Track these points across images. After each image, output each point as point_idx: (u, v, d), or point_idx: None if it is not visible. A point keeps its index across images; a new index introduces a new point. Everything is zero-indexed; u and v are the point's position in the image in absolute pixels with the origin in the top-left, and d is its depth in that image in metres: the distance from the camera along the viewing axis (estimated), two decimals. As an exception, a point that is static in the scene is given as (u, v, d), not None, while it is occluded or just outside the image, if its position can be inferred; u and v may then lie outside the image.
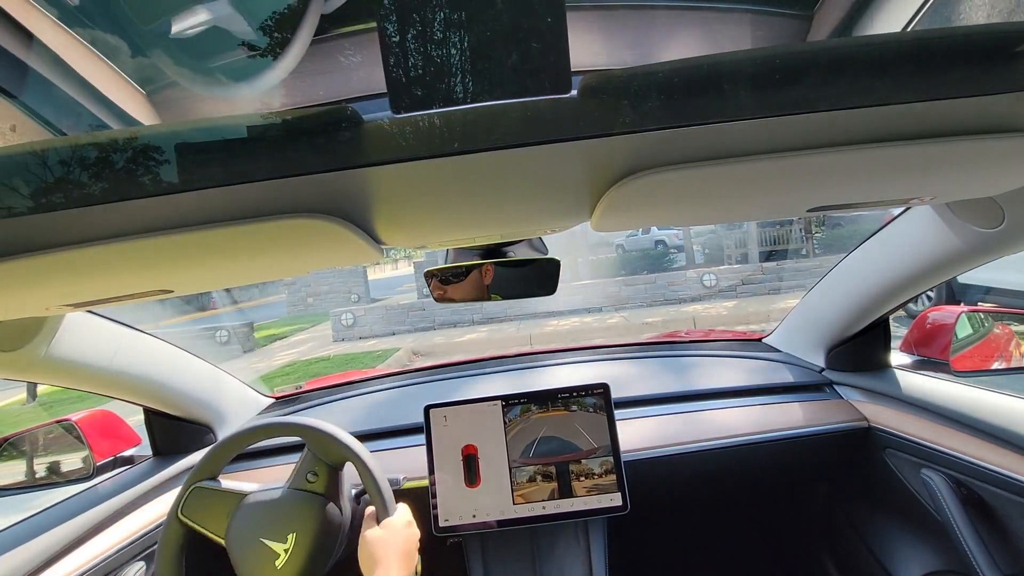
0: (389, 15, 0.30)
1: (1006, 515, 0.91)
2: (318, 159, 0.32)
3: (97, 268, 0.46)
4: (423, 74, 0.31)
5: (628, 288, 9.32)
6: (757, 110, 0.32)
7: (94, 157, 0.31)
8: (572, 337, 7.58)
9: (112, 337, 0.95)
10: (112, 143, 0.32)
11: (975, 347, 1.08)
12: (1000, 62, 0.31)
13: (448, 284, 1.01)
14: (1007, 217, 0.70)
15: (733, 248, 10.64)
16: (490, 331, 8.43)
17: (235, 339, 9.28)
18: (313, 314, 12.34)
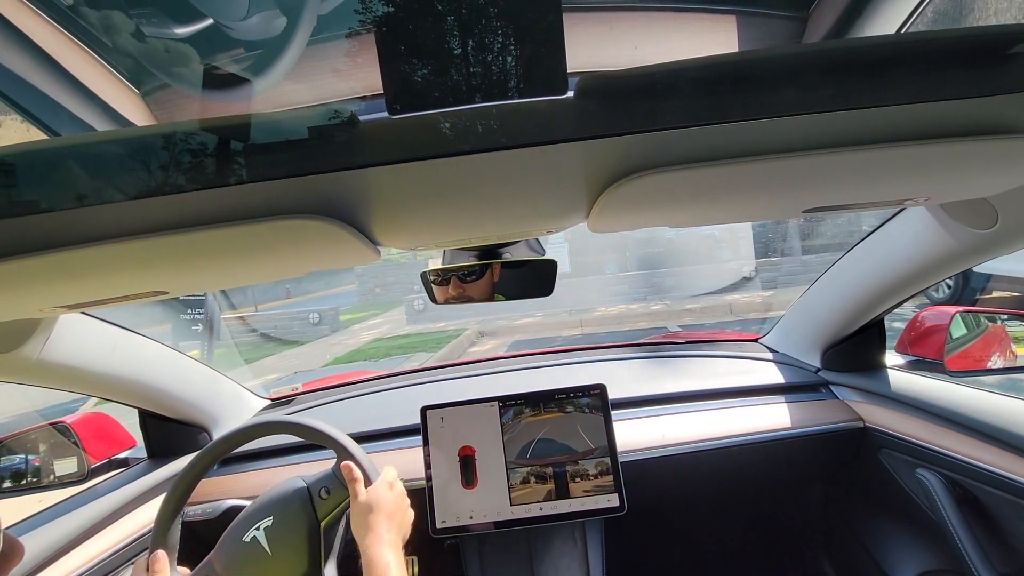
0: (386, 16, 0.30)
1: (1001, 514, 0.91)
2: (314, 160, 0.32)
3: (91, 269, 0.46)
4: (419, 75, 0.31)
5: (671, 278, 9.83)
6: (753, 111, 0.32)
7: (88, 158, 0.31)
8: (618, 321, 8.27)
9: (107, 339, 0.94)
10: (106, 144, 0.32)
11: (969, 347, 1.08)
12: (993, 64, 0.31)
13: (445, 285, 1.01)
14: (1000, 218, 0.70)
15: (778, 241, 10.80)
16: (545, 315, 9.07)
17: (325, 321, 10.70)
18: (381, 302, 13.31)
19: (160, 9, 0.45)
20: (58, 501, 0.98)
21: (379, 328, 10.23)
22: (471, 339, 8.37)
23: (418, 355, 7.36)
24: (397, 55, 0.31)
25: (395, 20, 0.31)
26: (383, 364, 7.23)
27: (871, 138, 0.37)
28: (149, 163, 0.31)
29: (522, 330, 8.60)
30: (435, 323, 9.55)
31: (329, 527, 0.85)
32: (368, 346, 8.60)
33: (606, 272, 11.57)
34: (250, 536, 0.84)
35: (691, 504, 1.49)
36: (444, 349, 7.53)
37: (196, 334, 6.19)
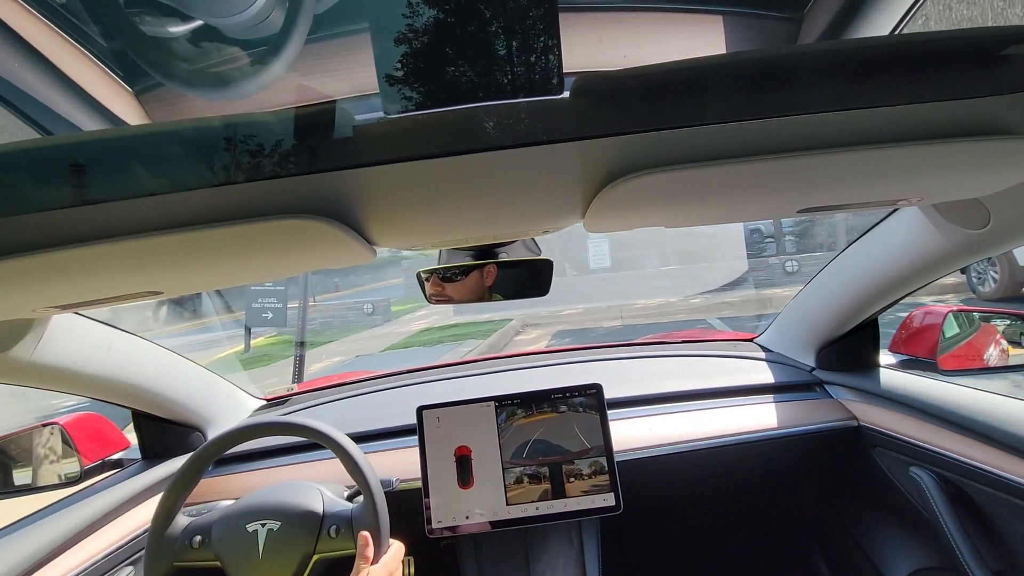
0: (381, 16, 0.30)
1: (993, 512, 0.92)
2: (309, 159, 0.32)
3: (85, 269, 0.45)
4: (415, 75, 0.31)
5: (711, 273, 9.94)
6: (748, 112, 0.32)
7: (81, 157, 0.31)
8: (658, 313, 8.66)
9: (101, 340, 0.93)
10: (100, 143, 0.31)
11: (962, 346, 1.09)
12: (986, 65, 0.31)
13: (440, 285, 1.01)
14: (992, 218, 0.71)
15: (824, 237, 10.90)
16: (586, 308, 9.50)
17: (378, 311, 11.62)
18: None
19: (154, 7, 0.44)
20: (52, 502, 0.97)
21: (428, 319, 10.86)
22: (516, 329, 8.89)
23: (468, 342, 7.88)
24: (392, 54, 0.31)
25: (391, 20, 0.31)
26: (436, 350, 7.68)
27: (865, 139, 0.38)
28: (142, 163, 0.31)
29: (564, 321, 9.08)
30: (481, 314, 10.07)
31: (320, 562, 0.85)
32: (420, 334, 9.26)
33: (646, 267, 11.86)
34: (253, 528, 0.84)
35: (687, 503, 1.49)
36: (491, 338, 7.98)
37: (266, 320, 7.01)
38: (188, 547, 0.85)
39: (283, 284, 7.21)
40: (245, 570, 0.83)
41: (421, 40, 0.31)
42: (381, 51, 0.31)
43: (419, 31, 0.31)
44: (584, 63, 0.56)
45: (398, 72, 0.31)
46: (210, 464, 0.91)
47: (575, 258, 12.79)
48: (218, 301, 16.31)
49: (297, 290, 4.90)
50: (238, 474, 1.19)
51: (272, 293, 6.94)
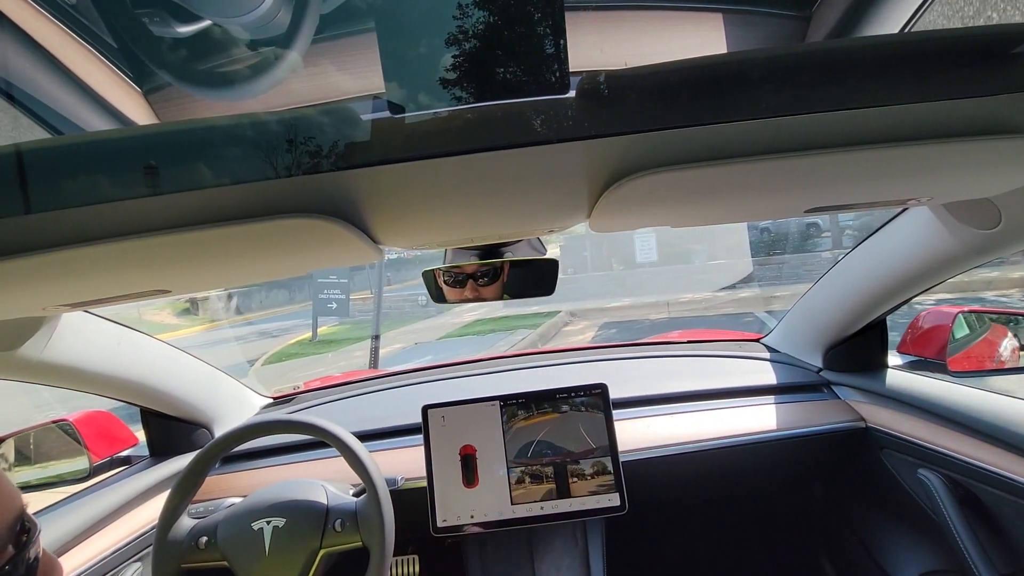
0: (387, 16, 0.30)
1: (1002, 515, 0.91)
2: (316, 159, 0.32)
3: (94, 268, 0.46)
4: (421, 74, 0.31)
5: (761, 267, 10.29)
6: (755, 111, 0.32)
7: (90, 156, 0.31)
8: (705, 306, 8.93)
9: (109, 337, 0.94)
10: (108, 142, 0.32)
11: (972, 348, 1.08)
12: (997, 63, 0.31)
13: (445, 284, 1.01)
14: (1004, 218, 0.70)
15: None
16: (633, 300, 9.84)
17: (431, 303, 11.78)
18: None
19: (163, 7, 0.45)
20: (61, 499, 0.98)
21: (479, 311, 11.44)
22: (564, 320, 9.36)
23: (519, 331, 8.47)
24: (399, 54, 0.31)
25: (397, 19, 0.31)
26: (489, 339, 8.37)
27: (874, 138, 0.37)
28: (151, 162, 0.31)
29: (610, 313, 9.49)
30: (529, 307, 10.47)
31: (327, 556, 0.86)
32: (473, 325, 9.93)
33: (694, 261, 12.09)
34: (258, 527, 0.85)
35: (692, 504, 1.49)
36: (541, 328, 8.53)
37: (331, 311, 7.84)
38: (195, 548, 0.85)
39: (346, 277, 8.18)
40: (253, 569, 0.83)
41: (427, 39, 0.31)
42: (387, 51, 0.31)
43: (425, 30, 0.31)
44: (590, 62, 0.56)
45: (404, 71, 0.31)
46: (216, 462, 0.92)
47: (621, 252, 13.09)
48: (283, 293, 16.96)
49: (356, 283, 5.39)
50: (244, 472, 1.20)
51: (336, 285, 7.73)
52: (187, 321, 16.51)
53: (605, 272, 13.11)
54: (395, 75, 0.31)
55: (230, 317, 16.29)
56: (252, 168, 0.32)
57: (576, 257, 13.82)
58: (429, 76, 0.31)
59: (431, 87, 0.31)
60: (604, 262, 13.55)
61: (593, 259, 13.62)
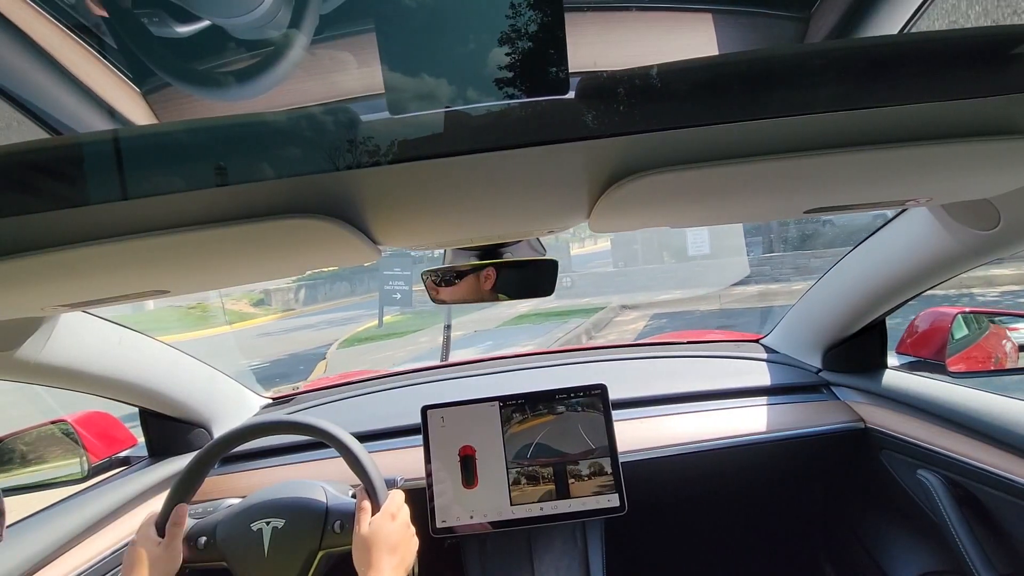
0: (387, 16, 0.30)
1: (1002, 516, 0.91)
2: (316, 160, 0.32)
3: (93, 268, 0.46)
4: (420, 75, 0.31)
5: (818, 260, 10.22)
6: (755, 112, 0.32)
7: (89, 157, 0.31)
8: (757, 298, 9.18)
9: (108, 338, 0.94)
10: (107, 143, 0.32)
11: (971, 348, 1.08)
12: (996, 64, 0.31)
13: (445, 285, 1.01)
14: (1003, 219, 0.70)
15: None
16: (683, 293, 10.10)
17: None
18: None
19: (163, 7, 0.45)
20: (59, 499, 0.98)
21: (530, 302, 11.70)
22: (616, 311, 9.79)
23: (572, 320, 8.94)
24: (399, 55, 0.31)
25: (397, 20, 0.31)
26: (544, 327, 8.88)
27: (873, 138, 0.37)
28: (151, 162, 0.31)
29: (661, 305, 9.87)
30: (580, 298, 11.22)
31: (327, 557, 0.85)
32: (527, 314, 10.57)
33: (750, 253, 12.22)
34: (258, 528, 0.85)
35: (692, 505, 1.49)
36: (593, 317, 8.96)
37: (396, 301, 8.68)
38: (194, 548, 0.85)
39: (409, 269, 8.88)
40: (251, 569, 0.83)
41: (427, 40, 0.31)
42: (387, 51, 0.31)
43: (424, 31, 0.31)
44: (589, 63, 0.56)
45: (404, 72, 0.31)
46: (215, 463, 0.92)
47: (673, 245, 13.26)
48: (345, 285, 17.66)
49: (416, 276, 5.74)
50: (243, 472, 1.20)
51: (400, 277, 8.50)
52: (262, 311, 18.23)
53: (656, 265, 13.32)
54: (395, 75, 0.31)
55: (299, 307, 17.73)
56: (252, 168, 0.32)
57: (627, 250, 14.04)
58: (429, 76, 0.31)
59: (431, 87, 0.31)
60: (655, 255, 13.73)
61: (644, 252, 13.81)
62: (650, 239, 13.45)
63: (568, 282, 12.35)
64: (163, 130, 0.32)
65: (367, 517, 0.80)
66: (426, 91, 0.31)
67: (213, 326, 15.55)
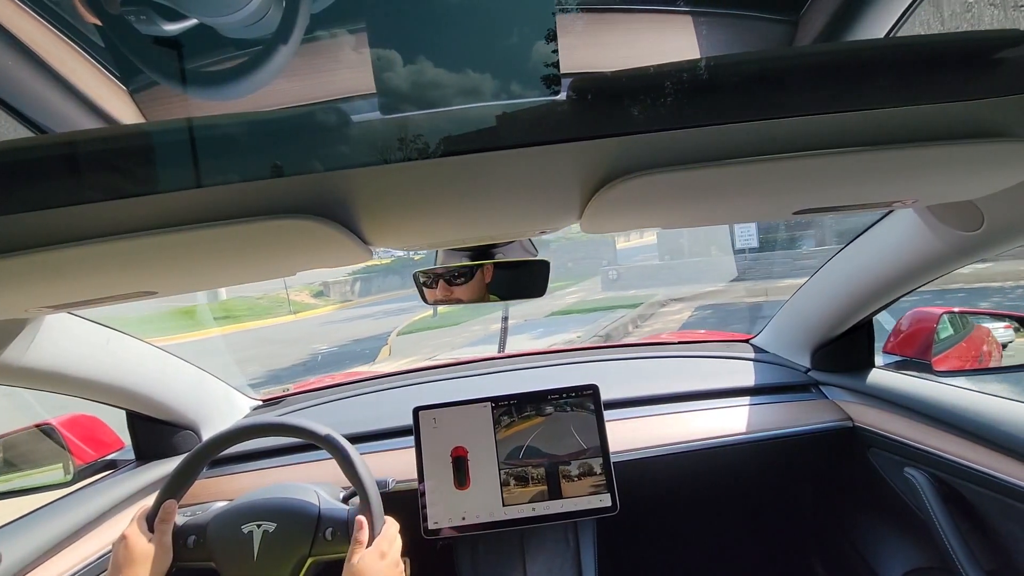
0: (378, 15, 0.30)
1: (986, 512, 0.92)
2: (305, 159, 0.32)
3: (79, 269, 0.45)
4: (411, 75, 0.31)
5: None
6: (744, 114, 0.32)
7: (75, 156, 0.31)
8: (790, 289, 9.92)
9: (93, 340, 0.93)
10: (93, 142, 0.31)
11: (955, 348, 1.10)
12: (980, 68, 0.32)
13: (436, 286, 1.00)
14: (986, 220, 0.71)
15: None
16: (727, 285, 10.42)
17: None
18: (573, 275, 15.83)
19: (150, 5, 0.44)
20: (44, 504, 0.96)
21: (577, 295, 12.62)
22: (661, 302, 10.11)
23: (619, 311, 9.35)
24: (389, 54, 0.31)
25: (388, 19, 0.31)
26: (592, 316, 9.32)
27: (859, 140, 0.38)
28: (136, 162, 0.31)
29: (705, 297, 9.97)
30: (626, 290, 11.71)
31: (315, 565, 0.85)
32: (574, 305, 11.08)
33: (801, 247, 12.39)
34: (248, 530, 0.84)
35: (683, 504, 1.50)
36: (639, 308, 9.45)
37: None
38: (183, 547, 0.84)
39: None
40: (239, 572, 0.82)
41: (418, 40, 0.31)
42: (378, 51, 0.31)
43: (416, 31, 0.31)
44: (581, 64, 0.56)
45: (395, 72, 0.31)
46: (204, 465, 0.91)
47: (720, 239, 13.40)
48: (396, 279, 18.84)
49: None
50: (233, 475, 1.19)
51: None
52: (322, 301, 19.83)
53: (702, 258, 13.45)
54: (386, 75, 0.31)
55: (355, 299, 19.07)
56: (240, 168, 0.32)
57: (673, 244, 14.22)
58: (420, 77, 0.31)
59: (422, 88, 0.31)
60: (703, 248, 13.87)
61: (690, 246, 13.92)
62: (696, 232, 13.61)
63: (614, 275, 12.91)
64: (149, 129, 0.32)
65: (360, 549, 0.80)
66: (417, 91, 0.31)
67: (279, 315, 17.02)
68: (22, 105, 0.50)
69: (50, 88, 0.51)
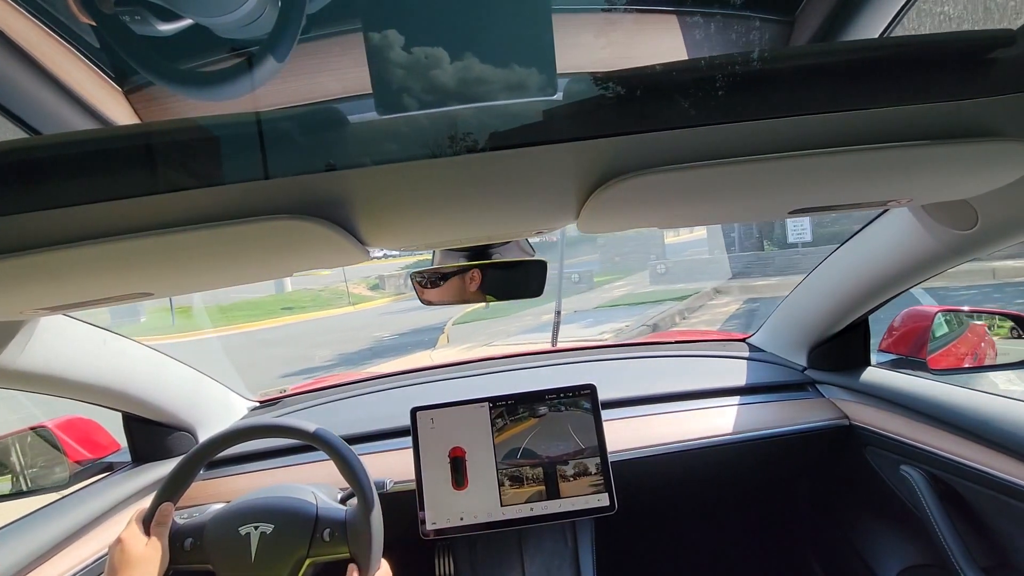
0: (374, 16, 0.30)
1: (981, 509, 0.93)
2: (302, 160, 0.32)
3: (75, 270, 0.45)
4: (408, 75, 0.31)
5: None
6: (739, 113, 0.32)
7: (70, 157, 0.31)
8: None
9: (89, 341, 0.92)
10: (88, 143, 0.31)
11: (951, 346, 1.11)
12: (974, 68, 0.32)
13: (432, 286, 1.00)
14: (980, 219, 0.71)
15: None
16: (780, 279, 10.29)
17: (583, 280, 13.99)
18: (620, 270, 16.29)
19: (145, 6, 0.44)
20: (40, 507, 0.95)
21: (624, 288, 12.93)
22: (709, 295, 10.29)
23: (666, 303, 9.59)
24: (385, 55, 0.31)
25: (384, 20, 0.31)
26: (639, 308, 9.56)
27: (855, 140, 0.38)
28: (132, 163, 0.31)
29: (755, 291, 10.10)
30: (674, 284, 12.00)
31: (313, 566, 0.84)
32: (622, 298, 11.45)
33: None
34: (246, 532, 0.83)
35: (680, 503, 1.50)
36: (686, 300, 9.61)
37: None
38: (180, 549, 0.84)
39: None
40: (237, 574, 0.82)
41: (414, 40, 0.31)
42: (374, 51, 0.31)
43: (412, 31, 0.31)
44: (576, 64, 0.56)
45: (391, 72, 0.31)
46: (201, 467, 0.91)
47: (773, 233, 13.48)
48: None
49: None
50: (230, 476, 1.18)
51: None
52: (378, 294, 21.06)
53: (752, 252, 13.55)
54: (382, 76, 0.31)
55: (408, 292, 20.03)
56: (236, 169, 0.32)
57: (724, 239, 14.31)
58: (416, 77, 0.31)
59: (418, 88, 0.31)
60: (754, 243, 13.96)
61: (741, 240, 14.01)
62: (749, 226, 13.64)
63: (662, 269, 13.21)
64: (145, 130, 0.32)
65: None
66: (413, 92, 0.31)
67: (338, 307, 18.05)
68: (16, 106, 0.50)
69: (44, 89, 0.51)
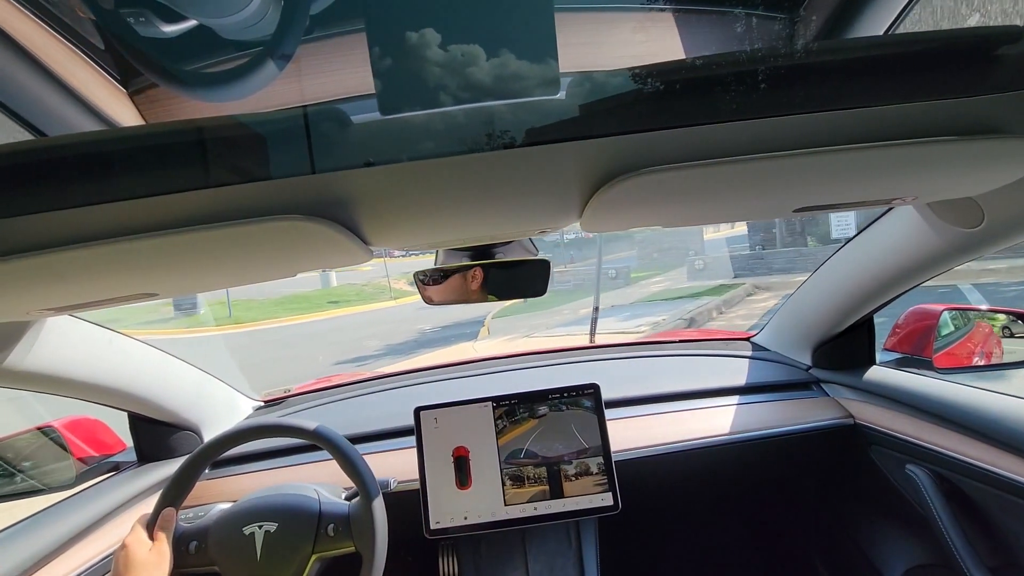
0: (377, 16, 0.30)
1: (987, 509, 0.92)
2: (305, 160, 0.32)
3: (81, 271, 0.45)
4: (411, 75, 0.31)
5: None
6: (743, 112, 0.32)
7: (75, 159, 0.31)
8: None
9: (95, 341, 0.93)
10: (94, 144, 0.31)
11: (956, 345, 1.10)
12: (979, 65, 0.32)
13: (437, 285, 1.00)
14: (986, 217, 0.71)
15: None
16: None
17: (620, 276, 14.32)
18: (658, 266, 16.59)
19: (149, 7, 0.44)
20: (47, 506, 0.96)
21: (662, 284, 13.29)
22: (747, 291, 10.46)
23: (704, 298, 9.76)
24: (388, 55, 0.31)
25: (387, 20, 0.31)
26: (677, 303, 9.82)
27: (859, 138, 0.38)
28: (137, 164, 0.31)
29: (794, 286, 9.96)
30: (713, 280, 12.10)
31: (319, 561, 0.85)
32: (660, 294, 11.84)
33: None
34: (250, 531, 0.84)
35: (685, 502, 1.50)
36: (725, 295, 9.77)
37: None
38: (185, 553, 0.84)
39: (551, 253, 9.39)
40: (244, 573, 0.82)
41: (417, 40, 0.31)
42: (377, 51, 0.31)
43: (415, 31, 0.31)
44: (579, 63, 0.56)
45: (394, 72, 0.31)
46: (203, 470, 0.91)
47: (816, 229, 13.55)
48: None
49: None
50: (235, 476, 1.19)
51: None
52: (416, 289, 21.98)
53: (794, 249, 13.56)
54: (385, 76, 0.31)
55: None
56: (240, 170, 0.32)
57: (765, 234, 14.35)
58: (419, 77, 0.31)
59: (421, 88, 0.31)
60: (797, 238, 13.98)
61: (782, 236, 14.04)
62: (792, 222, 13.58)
63: (700, 264, 13.35)
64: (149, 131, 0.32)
65: None
66: (416, 91, 0.31)
67: (381, 301, 18.65)
68: (22, 108, 0.50)
69: (49, 90, 0.51)
